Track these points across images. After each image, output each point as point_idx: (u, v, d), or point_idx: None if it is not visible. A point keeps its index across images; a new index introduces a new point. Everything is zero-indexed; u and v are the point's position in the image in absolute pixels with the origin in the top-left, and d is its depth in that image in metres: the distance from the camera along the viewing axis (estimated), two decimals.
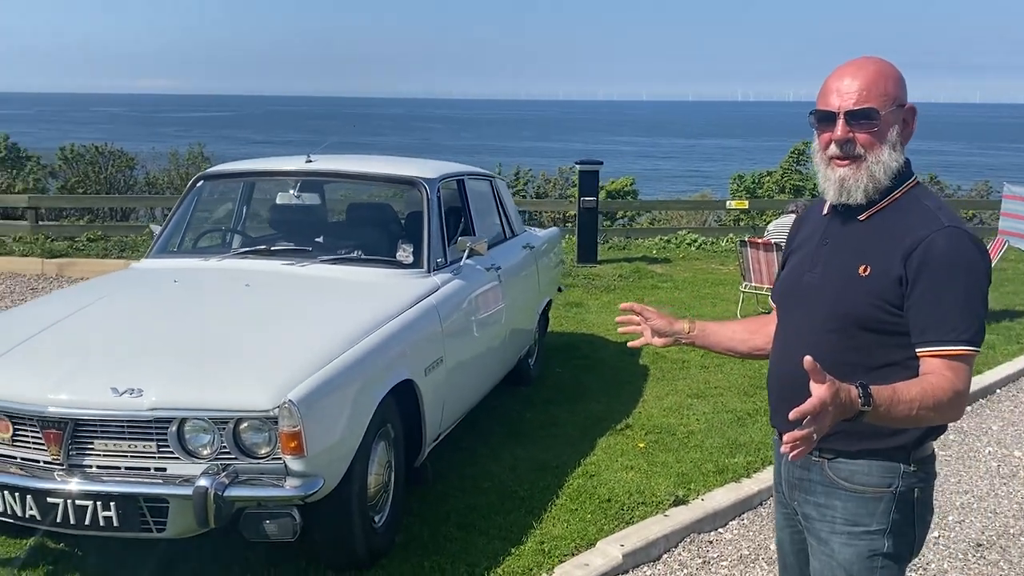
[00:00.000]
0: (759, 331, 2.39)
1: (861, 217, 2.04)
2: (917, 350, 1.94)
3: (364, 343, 3.57)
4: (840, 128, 2.00)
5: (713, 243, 13.14)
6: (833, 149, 2.02)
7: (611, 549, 3.79)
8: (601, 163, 11.64)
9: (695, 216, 16.43)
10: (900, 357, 1.97)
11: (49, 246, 11.38)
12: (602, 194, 16.97)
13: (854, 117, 1.98)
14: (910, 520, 2.05)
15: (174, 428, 3.13)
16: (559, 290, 7.13)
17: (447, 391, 4.23)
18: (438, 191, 4.72)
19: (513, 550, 3.83)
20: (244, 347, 3.44)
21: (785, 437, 1.72)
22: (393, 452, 3.86)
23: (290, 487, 3.13)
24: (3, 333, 3.59)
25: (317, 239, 4.69)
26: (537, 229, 6.87)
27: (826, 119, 2.03)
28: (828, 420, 1.72)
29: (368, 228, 4.92)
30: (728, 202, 13.59)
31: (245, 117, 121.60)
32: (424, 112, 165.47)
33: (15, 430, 3.24)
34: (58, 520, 3.16)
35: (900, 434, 1.99)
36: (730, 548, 4.04)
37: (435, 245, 4.51)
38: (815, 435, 1.72)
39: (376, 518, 3.73)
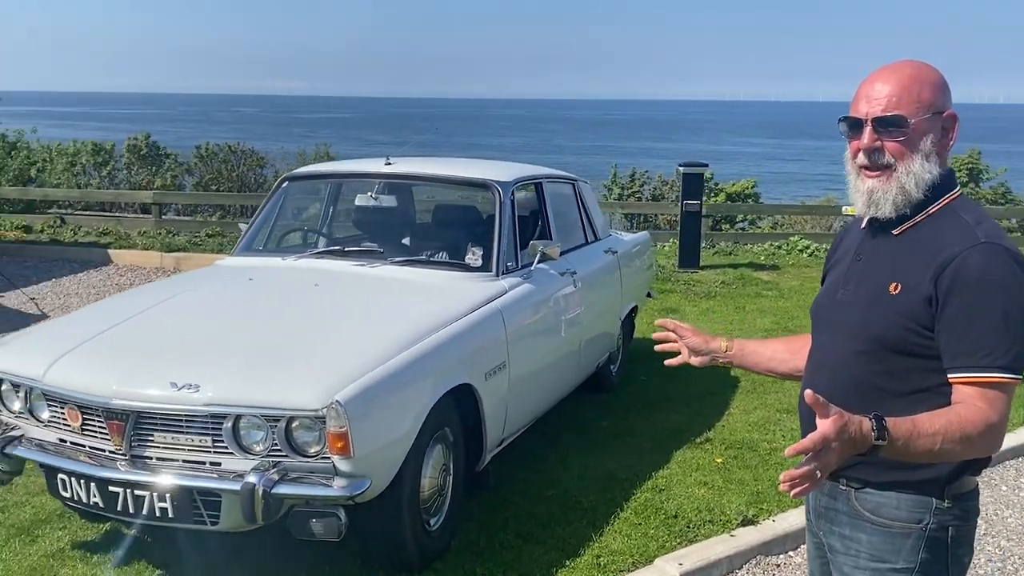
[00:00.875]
0: (799, 351, 2.26)
1: (895, 232, 1.93)
2: (948, 376, 1.80)
3: (420, 346, 3.56)
4: (867, 136, 1.89)
5: (828, 250, 12.60)
6: (861, 158, 1.92)
7: (668, 567, 3.67)
8: (706, 165, 11.36)
9: (819, 221, 15.82)
10: (933, 383, 1.82)
11: (169, 241, 11.94)
12: (721, 196, 16.67)
13: (882, 124, 1.87)
14: (942, 561, 1.88)
15: (229, 424, 3.21)
16: (649, 296, 6.98)
17: (511, 396, 4.19)
18: (511, 194, 4.68)
19: (568, 562, 3.76)
20: (301, 346, 3.49)
21: (783, 476, 1.61)
22: (452, 455, 3.85)
23: (337, 487, 3.15)
24: (80, 327, 3.76)
25: (390, 241, 4.73)
26: (624, 233, 6.75)
27: (855, 126, 1.93)
28: (834, 457, 1.60)
29: (441, 230, 4.92)
30: (844, 208, 13.02)
31: (370, 118, 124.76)
32: (546, 113, 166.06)
33: (84, 420, 3.39)
34: (118, 508, 3.29)
35: (933, 466, 1.84)
36: (798, 573, 3.85)
37: (505, 249, 4.48)
38: (818, 472, 1.60)
39: (431, 521, 3.73)
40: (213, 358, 3.39)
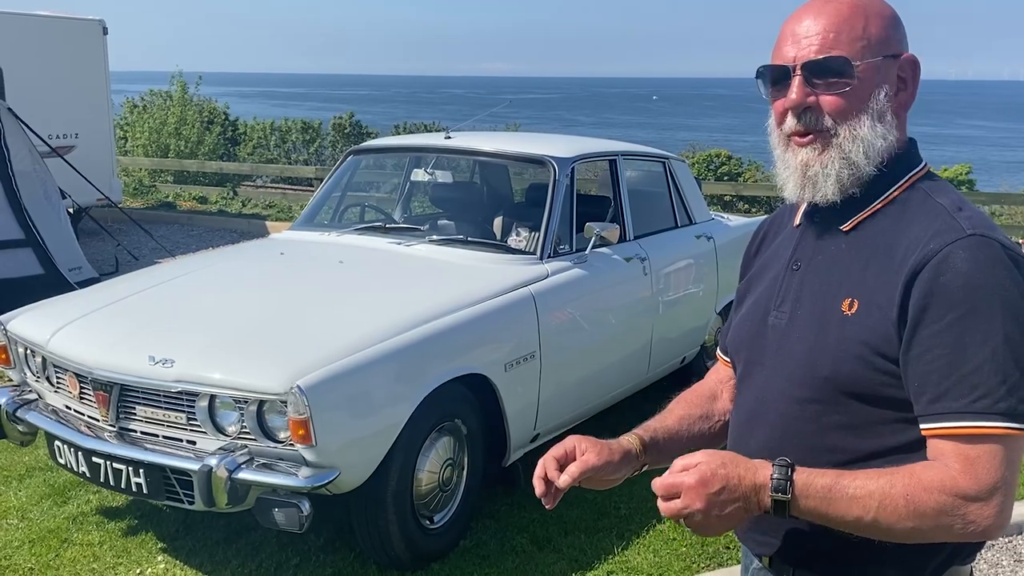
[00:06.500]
0: (712, 409, 1.68)
1: (844, 227, 1.42)
2: (921, 426, 1.29)
3: (417, 331, 3.31)
4: (796, 89, 1.38)
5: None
6: (790, 122, 1.41)
7: None
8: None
9: None
10: (911, 437, 1.32)
11: None
12: None
13: (816, 72, 1.37)
14: None
15: (204, 403, 3.10)
16: None
17: (544, 390, 3.86)
18: (570, 172, 4.32)
19: (574, 575, 3.41)
20: (288, 327, 3.34)
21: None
22: (465, 449, 3.60)
23: (301, 477, 2.98)
24: (95, 298, 3.78)
25: (437, 218, 4.50)
26: (731, 218, 6.17)
27: (779, 79, 1.41)
28: (702, 503, 1.24)
29: (494, 209, 4.61)
30: None
31: (572, 99, 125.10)
32: (755, 93, 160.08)
33: (81, 389, 3.39)
34: (101, 480, 3.27)
35: (898, 549, 1.32)
36: None
37: (554, 230, 4.13)
38: (684, 519, 1.27)
39: (434, 518, 3.50)
40: (196, 335, 3.29)
